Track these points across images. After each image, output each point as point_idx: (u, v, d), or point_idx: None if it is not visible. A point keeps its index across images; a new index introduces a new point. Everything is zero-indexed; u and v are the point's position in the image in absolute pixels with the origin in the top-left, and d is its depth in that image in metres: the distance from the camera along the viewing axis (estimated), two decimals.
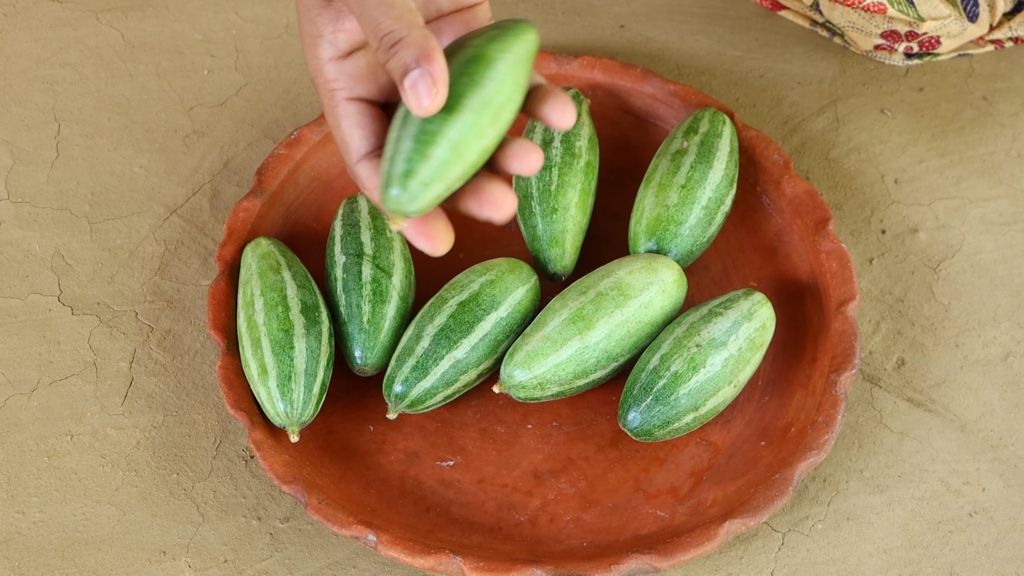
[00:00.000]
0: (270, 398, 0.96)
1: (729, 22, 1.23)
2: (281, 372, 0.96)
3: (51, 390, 1.02)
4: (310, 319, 0.98)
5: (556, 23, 1.22)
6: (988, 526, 0.99)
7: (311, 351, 0.97)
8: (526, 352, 0.97)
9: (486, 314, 0.99)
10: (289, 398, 0.95)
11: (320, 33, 0.85)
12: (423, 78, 0.77)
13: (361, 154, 0.84)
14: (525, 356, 0.97)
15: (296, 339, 0.97)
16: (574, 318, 0.98)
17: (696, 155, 1.05)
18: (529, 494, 0.98)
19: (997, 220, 1.12)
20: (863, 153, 1.15)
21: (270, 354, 0.96)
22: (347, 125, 0.84)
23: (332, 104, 0.85)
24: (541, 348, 0.97)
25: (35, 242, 1.08)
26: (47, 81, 1.16)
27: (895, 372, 1.04)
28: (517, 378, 0.97)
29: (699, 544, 0.93)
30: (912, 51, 1.16)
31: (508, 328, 0.99)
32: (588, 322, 0.98)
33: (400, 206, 0.78)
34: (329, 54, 0.85)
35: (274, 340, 0.97)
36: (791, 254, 1.07)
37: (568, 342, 0.97)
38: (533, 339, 0.98)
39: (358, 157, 0.84)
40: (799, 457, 0.96)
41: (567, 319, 0.98)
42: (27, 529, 0.97)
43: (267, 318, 0.97)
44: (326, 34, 0.85)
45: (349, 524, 0.92)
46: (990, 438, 1.02)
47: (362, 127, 0.84)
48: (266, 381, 0.96)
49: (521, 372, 0.97)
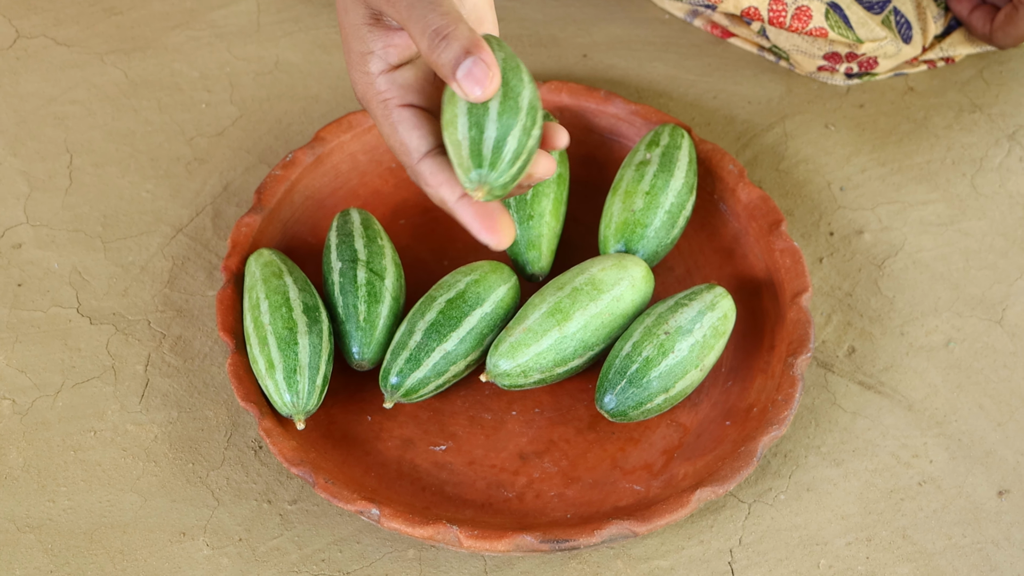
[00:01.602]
0: (278, 390, 0.99)
1: (683, 49, 1.26)
2: (287, 366, 0.99)
3: (74, 391, 1.05)
4: (311, 318, 1.01)
5: (524, 55, 1.24)
6: (936, 493, 1.01)
7: (313, 347, 1.00)
8: (509, 343, 1.00)
9: (472, 310, 1.02)
10: (295, 389, 0.98)
11: (370, 49, 0.86)
12: (477, 64, 0.79)
13: (422, 153, 0.85)
14: (509, 347, 1.00)
15: (300, 336, 1.00)
16: (553, 311, 1.01)
17: (659, 164, 1.08)
18: (516, 473, 1.01)
19: (935, 221, 1.15)
20: (811, 164, 1.18)
21: (276, 350, 0.99)
22: (404, 128, 0.85)
23: (386, 113, 0.86)
24: (523, 339, 1.00)
25: (54, 261, 1.11)
26: (58, 117, 1.19)
27: (847, 359, 1.07)
28: (502, 367, 1.00)
29: (673, 510, 0.95)
30: (852, 71, 1.20)
31: (492, 322, 1.03)
32: (566, 314, 1.00)
33: (489, 181, 0.82)
34: (380, 68, 0.86)
35: (279, 337, 1.00)
36: (748, 254, 1.10)
37: (548, 333, 1.00)
38: (516, 331, 1.01)
39: (419, 156, 0.85)
40: (762, 432, 0.98)
41: (546, 312, 1.01)
42: (58, 516, 0.99)
43: (272, 318, 1.00)
44: (376, 50, 0.86)
45: (354, 500, 0.95)
46: (935, 415, 1.05)
47: (419, 128, 0.85)
48: (273, 375, 0.99)
49: (505, 361, 1.00)
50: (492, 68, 0.80)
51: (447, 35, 0.81)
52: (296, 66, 1.24)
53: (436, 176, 0.86)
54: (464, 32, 0.81)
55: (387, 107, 0.87)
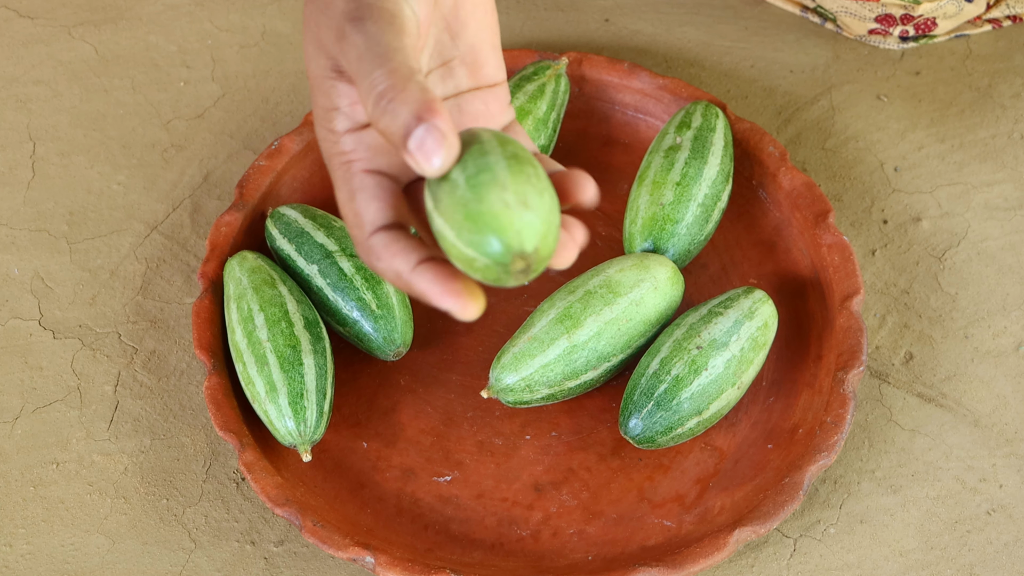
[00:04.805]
0: (280, 416, 0.94)
1: (717, 11, 1.22)
2: (292, 390, 0.95)
3: (35, 417, 1.01)
4: (313, 335, 0.97)
5: (539, 19, 1.21)
6: (1007, 524, 0.97)
7: (319, 368, 0.96)
8: (513, 354, 0.97)
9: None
10: (302, 416, 0.95)
11: (335, 105, 0.80)
12: (430, 133, 0.73)
13: (376, 226, 0.79)
14: (512, 358, 0.97)
15: (305, 355, 0.96)
16: (561, 317, 0.97)
17: (690, 151, 1.04)
18: (530, 508, 0.97)
19: (1002, 205, 1.11)
20: (861, 141, 1.14)
21: (279, 371, 0.95)
22: (363, 197, 0.79)
23: (347, 176, 0.80)
24: (528, 349, 0.96)
25: (13, 265, 1.07)
26: (21, 99, 1.15)
27: (903, 367, 1.03)
28: (505, 381, 0.97)
29: (708, 554, 0.92)
30: (907, 34, 1.16)
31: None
32: (576, 320, 0.97)
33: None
34: (346, 126, 0.80)
35: (282, 357, 0.95)
36: (791, 249, 1.06)
37: (555, 342, 0.96)
38: (520, 340, 0.97)
39: (372, 229, 0.78)
40: (808, 460, 0.95)
41: (554, 319, 0.97)
42: (15, 562, 0.95)
43: (271, 334, 0.96)
44: (343, 107, 0.80)
45: (346, 546, 0.91)
46: (1005, 432, 1.01)
47: (380, 199, 0.79)
48: (276, 399, 0.95)
49: (509, 375, 0.96)
50: (448, 135, 0.73)
51: (392, 99, 0.74)
52: (285, 36, 1.20)
53: (390, 248, 0.78)
54: (414, 94, 0.74)
55: (349, 170, 0.80)
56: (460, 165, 0.74)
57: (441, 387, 1.01)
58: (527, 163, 0.74)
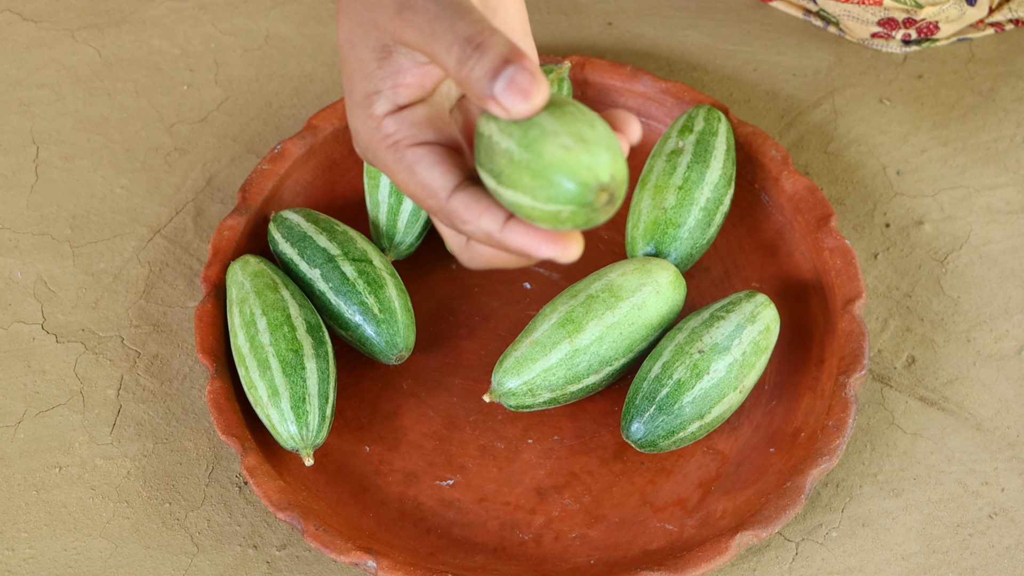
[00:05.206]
0: (283, 420, 0.94)
1: (720, 15, 1.21)
2: (294, 394, 0.94)
3: (37, 421, 1.00)
4: (316, 339, 0.96)
5: (542, 23, 1.20)
6: (1009, 527, 0.97)
7: (321, 372, 0.95)
8: (515, 358, 0.96)
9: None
10: (304, 420, 0.94)
11: (377, 89, 0.79)
12: (520, 72, 0.72)
13: (450, 189, 0.77)
14: (514, 362, 0.96)
15: (307, 359, 0.95)
16: (563, 321, 0.96)
17: (692, 154, 1.03)
18: (532, 511, 0.97)
19: (1004, 209, 1.10)
20: (863, 145, 1.13)
21: (281, 375, 0.94)
22: (423, 167, 0.78)
23: (399, 156, 0.79)
24: (530, 353, 0.96)
25: (16, 269, 1.07)
26: (24, 103, 1.15)
27: (906, 370, 1.03)
28: (507, 385, 0.96)
29: (710, 558, 0.91)
30: (910, 38, 1.15)
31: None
32: (578, 324, 0.96)
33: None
34: (386, 108, 0.79)
35: (284, 361, 0.95)
36: (793, 252, 1.05)
37: (557, 346, 0.96)
38: (522, 344, 0.96)
39: (447, 194, 0.77)
40: (810, 464, 0.94)
41: (556, 323, 0.96)
42: (17, 567, 0.95)
43: (273, 338, 0.96)
44: (384, 90, 0.79)
45: (348, 550, 0.91)
46: (1007, 436, 1.00)
47: (441, 164, 0.78)
48: (278, 403, 0.94)
49: (511, 379, 0.96)
50: (538, 74, 0.72)
51: (480, 43, 0.73)
52: (288, 40, 1.20)
53: (473, 209, 0.77)
54: (501, 39, 0.73)
55: (399, 150, 0.79)
56: (507, 135, 0.74)
57: (443, 391, 1.00)
58: (567, 104, 0.74)
